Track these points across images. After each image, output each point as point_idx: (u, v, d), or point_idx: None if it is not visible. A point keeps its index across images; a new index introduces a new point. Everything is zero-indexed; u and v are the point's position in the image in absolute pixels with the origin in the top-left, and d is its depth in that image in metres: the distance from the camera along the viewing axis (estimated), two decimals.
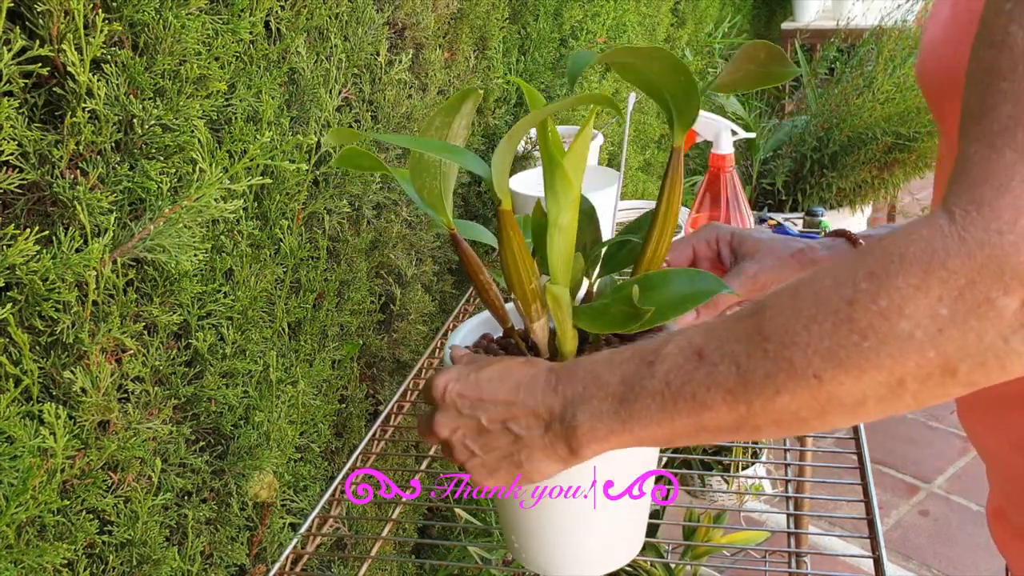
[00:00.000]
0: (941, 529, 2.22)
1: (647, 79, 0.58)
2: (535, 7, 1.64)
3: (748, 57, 0.62)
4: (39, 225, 0.67)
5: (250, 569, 0.98)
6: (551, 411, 0.56)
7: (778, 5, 4.40)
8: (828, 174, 2.85)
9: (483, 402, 0.58)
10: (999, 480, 0.73)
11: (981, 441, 0.74)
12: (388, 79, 1.15)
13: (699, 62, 3.07)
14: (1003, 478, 0.72)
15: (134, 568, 0.80)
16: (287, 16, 0.94)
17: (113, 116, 0.71)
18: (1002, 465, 0.72)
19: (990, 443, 0.73)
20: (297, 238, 1.00)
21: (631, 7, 2.06)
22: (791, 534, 0.87)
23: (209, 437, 0.92)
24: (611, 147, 2.03)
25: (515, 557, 0.74)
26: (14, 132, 0.65)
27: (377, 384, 1.28)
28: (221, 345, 0.89)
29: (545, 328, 0.66)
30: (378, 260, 1.22)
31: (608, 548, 0.72)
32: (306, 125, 1.00)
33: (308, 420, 1.06)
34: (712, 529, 1.57)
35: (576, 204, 0.63)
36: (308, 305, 1.04)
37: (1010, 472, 0.71)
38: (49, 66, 0.67)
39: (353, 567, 1.15)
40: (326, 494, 0.96)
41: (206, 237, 0.84)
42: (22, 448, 0.65)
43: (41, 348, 0.70)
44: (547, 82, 1.70)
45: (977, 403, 0.71)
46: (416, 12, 1.21)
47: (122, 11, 0.71)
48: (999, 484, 0.74)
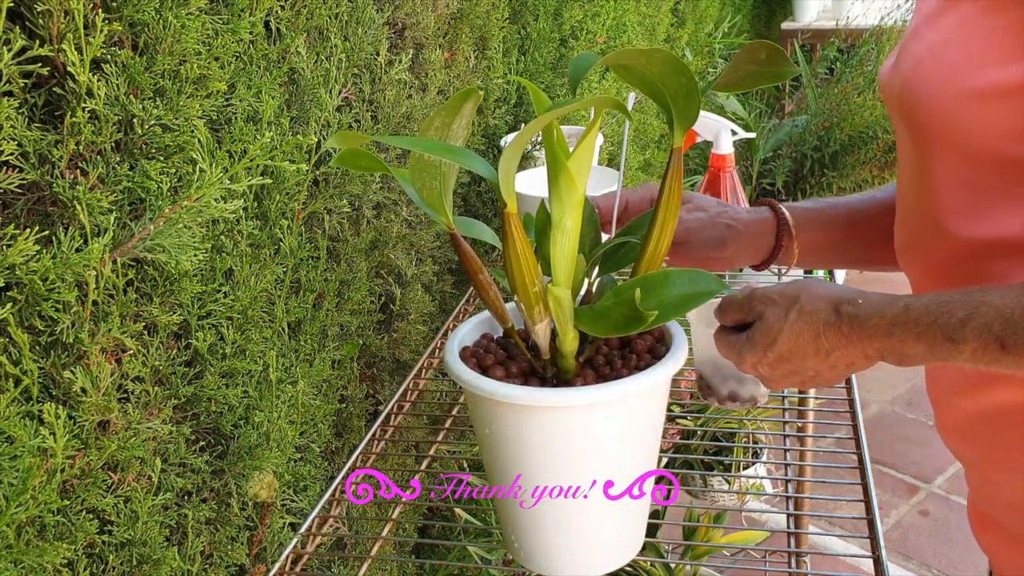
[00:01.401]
0: (941, 529, 2.22)
1: (648, 80, 0.58)
2: (535, 7, 1.64)
3: (749, 57, 0.62)
4: (39, 225, 0.67)
5: (250, 569, 0.98)
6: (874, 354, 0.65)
7: (778, 5, 4.40)
8: (828, 174, 2.85)
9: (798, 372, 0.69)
10: (984, 486, 0.75)
11: (961, 455, 0.75)
12: (388, 79, 1.15)
13: (699, 62, 3.07)
14: (989, 484, 0.73)
15: (134, 568, 0.80)
16: (287, 16, 0.94)
17: (113, 116, 0.71)
18: (983, 479, 0.74)
19: (968, 455, 0.74)
20: (297, 238, 0.99)
21: (631, 7, 2.06)
22: (791, 534, 0.87)
23: (209, 437, 0.92)
24: (611, 147, 2.03)
25: (515, 557, 0.74)
26: (14, 132, 0.65)
27: (377, 384, 1.28)
28: (221, 345, 0.89)
29: (547, 330, 0.66)
30: (378, 260, 1.22)
31: (608, 548, 0.72)
32: (306, 125, 1.00)
33: (308, 420, 1.06)
34: (712, 529, 1.57)
35: (580, 206, 0.63)
36: (308, 305, 1.04)
37: (994, 482, 0.72)
38: (49, 66, 0.67)
39: (353, 567, 1.15)
40: (326, 494, 0.96)
41: (206, 237, 0.84)
42: (22, 448, 0.65)
43: (41, 348, 0.70)
44: (547, 82, 1.70)
45: (954, 416, 0.74)
46: (416, 12, 1.21)
47: (122, 11, 0.71)
48: (984, 491, 0.75)
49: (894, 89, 0.70)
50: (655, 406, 0.69)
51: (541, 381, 0.68)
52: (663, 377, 0.66)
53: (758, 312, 0.69)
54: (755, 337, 0.68)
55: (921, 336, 0.60)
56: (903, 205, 0.75)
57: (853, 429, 0.98)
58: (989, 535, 0.76)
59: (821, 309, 0.65)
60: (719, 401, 0.88)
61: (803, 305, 0.66)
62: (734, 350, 0.71)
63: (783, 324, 0.67)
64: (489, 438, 0.68)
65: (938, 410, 0.77)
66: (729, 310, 0.72)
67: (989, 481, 0.73)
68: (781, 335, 0.67)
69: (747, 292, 0.71)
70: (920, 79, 0.65)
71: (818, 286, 0.68)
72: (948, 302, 0.59)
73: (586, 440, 0.65)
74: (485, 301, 0.69)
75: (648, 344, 0.71)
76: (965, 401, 0.71)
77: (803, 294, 0.67)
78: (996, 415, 0.68)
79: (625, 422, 0.66)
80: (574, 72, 0.64)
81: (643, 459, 0.70)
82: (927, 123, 0.65)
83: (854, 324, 0.64)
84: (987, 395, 0.68)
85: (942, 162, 0.66)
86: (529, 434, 0.65)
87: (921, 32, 0.67)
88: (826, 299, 0.66)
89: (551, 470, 0.67)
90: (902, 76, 0.68)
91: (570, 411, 0.64)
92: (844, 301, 0.65)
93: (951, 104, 0.62)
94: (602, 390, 0.63)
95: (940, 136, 0.65)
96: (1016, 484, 0.69)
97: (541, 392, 0.63)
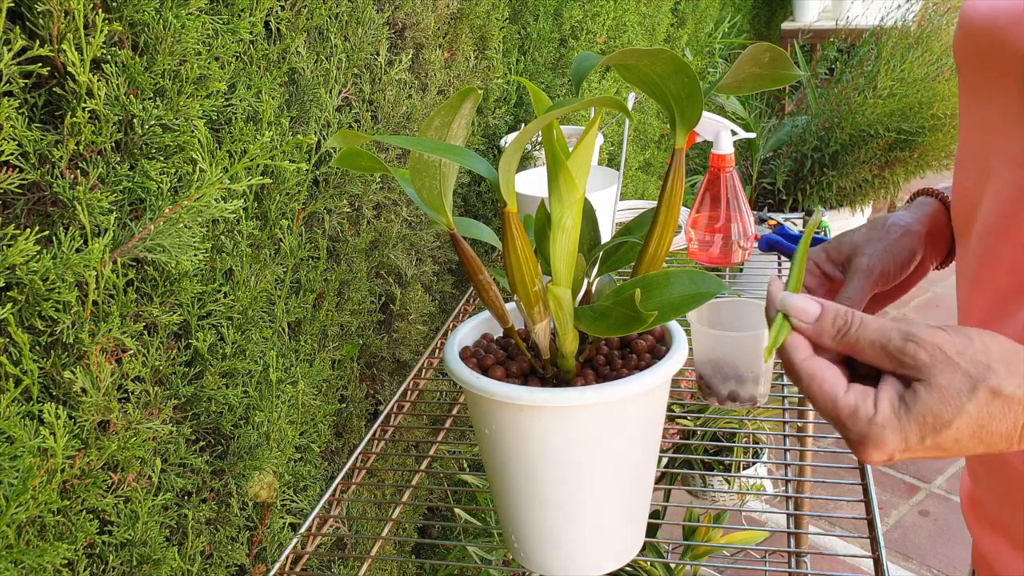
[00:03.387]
0: (941, 529, 2.22)
1: (650, 80, 0.58)
2: (535, 7, 1.64)
3: (752, 59, 0.62)
4: (39, 225, 0.67)
5: (250, 569, 0.98)
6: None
7: (778, 5, 4.40)
8: (828, 173, 2.85)
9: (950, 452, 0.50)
10: (977, 468, 0.73)
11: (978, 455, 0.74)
12: (388, 79, 1.15)
13: (699, 62, 3.07)
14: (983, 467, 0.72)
15: (134, 568, 0.80)
16: (287, 16, 0.94)
17: (113, 116, 0.71)
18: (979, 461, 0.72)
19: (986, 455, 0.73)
20: (297, 238, 0.99)
21: (631, 7, 2.06)
22: (791, 534, 0.87)
23: (209, 437, 0.92)
24: (611, 147, 2.03)
25: (515, 557, 0.74)
26: (14, 132, 0.65)
27: (377, 384, 1.28)
28: (221, 345, 0.89)
29: (547, 330, 0.66)
30: (378, 260, 1.22)
31: (608, 548, 0.72)
32: (306, 125, 1.00)
33: (308, 420, 1.06)
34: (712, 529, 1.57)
35: (580, 206, 0.63)
36: (308, 305, 1.04)
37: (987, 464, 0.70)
38: (49, 66, 0.66)
39: (353, 567, 1.15)
40: (326, 494, 0.96)
41: (206, 237, 0.84)
42: (22, 448, 0.65)
43: (41, 348, 0.70)
44: (547, 82, 1.70)
45: None
46: (416, 12, 1.21)
47: (122, 11, 0.71)
48: (978, 472, 0.73)
49: (999, 23, 0.57)
50: (655, 406, 0.69)
51: (541, 381, 0.68)
52: (663, 377, 0.66)
53: (919, 368, 0.48)
54: (918, 411, 0.47)
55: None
56: (971, 174, 0.64)
57: None
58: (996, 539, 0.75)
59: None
60: (719, 401, 0.88)
61: (1000, 385, 0.47)
62: (854, 411, 0.49)
63: (964, 405, 0.47)
64: (489, 438, 0.68)
65: None
66: (859, 333, 0.51)
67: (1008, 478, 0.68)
68: (958, 421, 0.47)
69: (904, 329, 0.49)
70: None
71: (1021, 356, 0.48)
72: None
73: (586, 440, 0.65)
74: (485, 301, 0.69)
75: (648, 344, 0.71)
76: None
77: (999, 366, 0.47)
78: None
79: (625, 422, 0.66)
80: (577, 72, 0.64)
81: (643, 459, 0.70)
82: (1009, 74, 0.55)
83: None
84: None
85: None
86: (529, 434, 0.65)
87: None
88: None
89: (551, 470, 0.67)
90: (987, 18, 0.57)
91: (570, 411, 0.64)
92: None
93: None
94: (602, 390, 0.63)
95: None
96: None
97: (541, 392, 0.63)
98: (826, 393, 0.50)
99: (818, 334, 0.52)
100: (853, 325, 0.51)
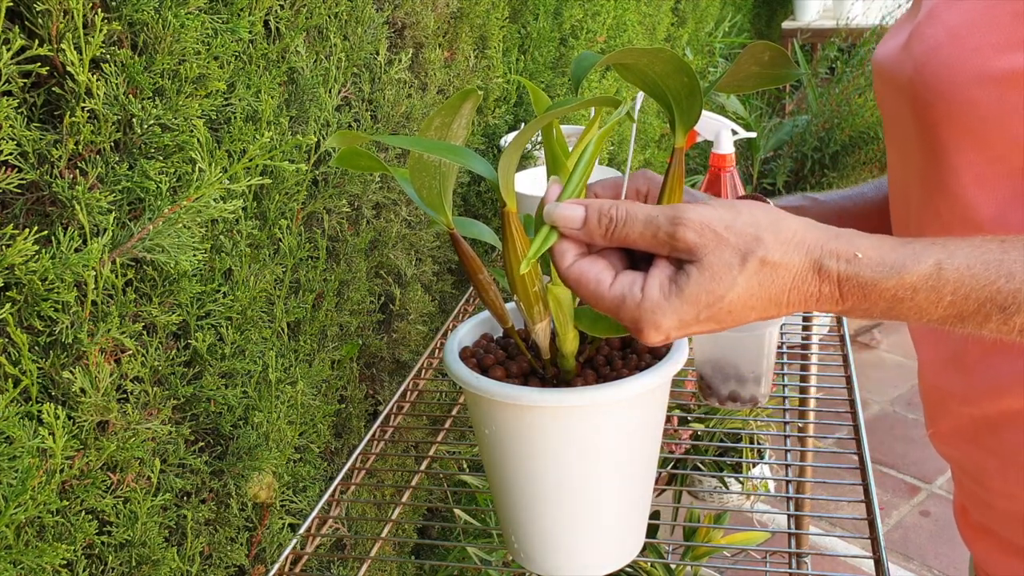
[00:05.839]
0: (942, 529, 2.22)
1: (650, 80, 0.58)
2: (535, 6, 1.64)
3: (752, 58, 0.61)
4: (38, 225, 0.66)
5: (249, 570, 0.98)
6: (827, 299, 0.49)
7: (778, 4, 4.40)
8: (829, 174, 2.85)
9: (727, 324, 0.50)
10: (981, 494, 0.74)
11: (960, 463, 0.75)
12: (388, 78, 1.15)
13: (699, 61, 3.06)
14: (988, 492, 0.72)
15: (133, 568, 0.80)
16: (286, 15, 0.94)
17: (112, 116, 0.71)
18: (982, 487, 0.73)
19: (968, 463, 0.74)
20: (296, 238, 0.99)
21: (631, 6, 2.06)
22: (791, 534, 0.87)
23: (208, 437, 0.92)
24: (611, 147, 2.03)
25: (515, 557, 0.74)
26: (13, 132, 0.64)
27: (377, 384, 1.28)
28: (220, 345, 0.89)
29: (547, 330, 0.66)
30: (378, 260, 1.22)
31: (608, 548, 0.72)
32: (305, 125, 1.00)
33: (307, 420, 1.06)
34: (712, 529, 1.57)
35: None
36: (307, 305, 1.04)
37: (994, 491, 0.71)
38: (48, 65, 0.66)
39: (352, 568, 1.15)
40: (325, 495, 0.96)
41: (205, 237, 0.84)
42: (21, 448, 0.65)
43: (40, 348, 0.70)
44: (547, 82, 1.70)
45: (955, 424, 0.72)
46: (416, 11, 1.21)
47: (121, 10, 0.71)
48: (980, 499, 0.74)
49: (903, 73, 0.63)
50: (655, 406, 0.69)
51: (541, 381, 0.68)
52: (663, 377, 0.66)
53: (690, 249, 0.49)
54: (690, 292, 0.48)
55: (964, 307, 0.47)
56: (899, 197, 0.70)
57: (854, 429, 0.97)
58: (984, 543, 0.75)
59: (795, 264, 0.48)
60: (719, 401, 0.88)
61: (768, 254, 0.48)
62: (621, 300, 0.50)
63: (736, 278, 0.48)
64: (489, 438, 0.68)
65: (935, 416, 0.74)
66: (627, 227, 0.51)
67: (989, 489, 0.71)
68: (731, 294, 0.48)
69: (670, 213, 0.50)
70: (938, 63, 0.60)
71: (786, 223, 0.49)
72: (1002, 261, 0.47)
73: (586, 440, 0.65)
74: (485, 301, 0.69)
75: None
76: (971, 408, 0.67)
77: (766, 235, 0.48)
78: (1004, 423, 0.65)
79: (625, 422, 0.66)
80: (577, 71, 0.64)
81: (643, 459, 0.70)
82: (944, 110, 0.60)
83: (851, 287, 0.48)
84: (996, 403, 0.64)
85: (957, 149, 0.60)
86: (529, 434, 0.65)
87: (938, 14, 0.62)
88: (802, 248, 0.48)
89: (551, 470, 0.66)
90: (915, 60, 0.62)
91: (570, 411, 0.64)
92: (831, 254, 0.48)
93: (971, 89, 0.57)
94: (602, 390, 0.63)
95: (956, 122, 0.59)
96: (1018, 493, 0.67)
97: (541, 392, 0.63)
98: (592, 290, 0.52)
99: (589, 236, 0.53)
100: (618, 221, 0.51)
